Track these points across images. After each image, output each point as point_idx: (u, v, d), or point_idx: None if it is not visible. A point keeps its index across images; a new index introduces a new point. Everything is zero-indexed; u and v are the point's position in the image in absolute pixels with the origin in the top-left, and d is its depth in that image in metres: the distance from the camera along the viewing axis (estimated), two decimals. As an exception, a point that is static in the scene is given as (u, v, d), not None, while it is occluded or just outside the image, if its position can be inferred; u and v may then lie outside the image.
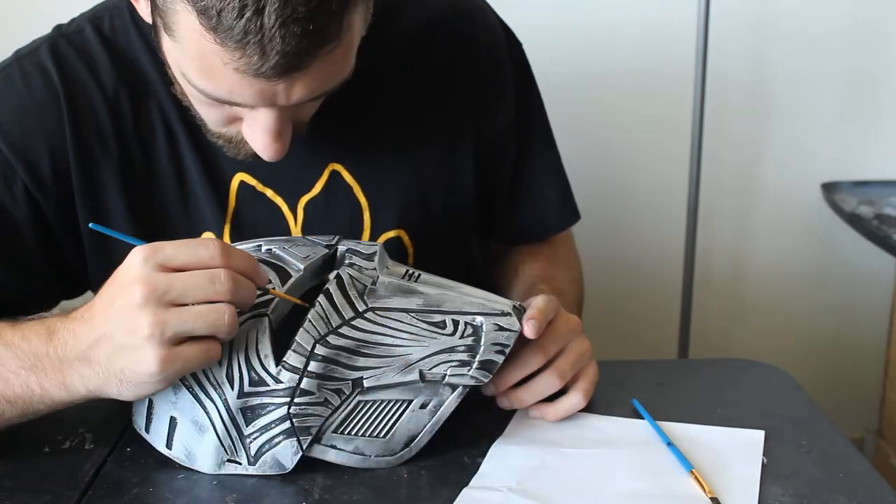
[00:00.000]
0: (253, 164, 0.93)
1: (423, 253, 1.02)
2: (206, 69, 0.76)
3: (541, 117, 1.12)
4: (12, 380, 0.77)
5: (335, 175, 0.99)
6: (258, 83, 0.75)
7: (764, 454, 0.83)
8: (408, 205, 1.01)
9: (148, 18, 0.83)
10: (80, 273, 0.98)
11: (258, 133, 0.82)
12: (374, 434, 0.80)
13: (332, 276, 0.81)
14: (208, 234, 0.96)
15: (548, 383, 0.86)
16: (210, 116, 0.86)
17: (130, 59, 0.95)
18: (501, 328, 0.82)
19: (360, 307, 0.79)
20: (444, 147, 1.03)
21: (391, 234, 1.00)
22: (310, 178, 0.98)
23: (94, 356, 0.74)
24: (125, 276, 0.72)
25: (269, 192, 0.97)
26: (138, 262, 0.72)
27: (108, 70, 0.94)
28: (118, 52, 0.94)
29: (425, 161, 1.02)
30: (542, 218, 1.13)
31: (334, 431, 0.79)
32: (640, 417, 0.89)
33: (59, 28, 0.96)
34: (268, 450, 0.77)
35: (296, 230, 0.98)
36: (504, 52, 1.06)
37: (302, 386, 0.76)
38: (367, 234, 1.00)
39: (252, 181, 0.97)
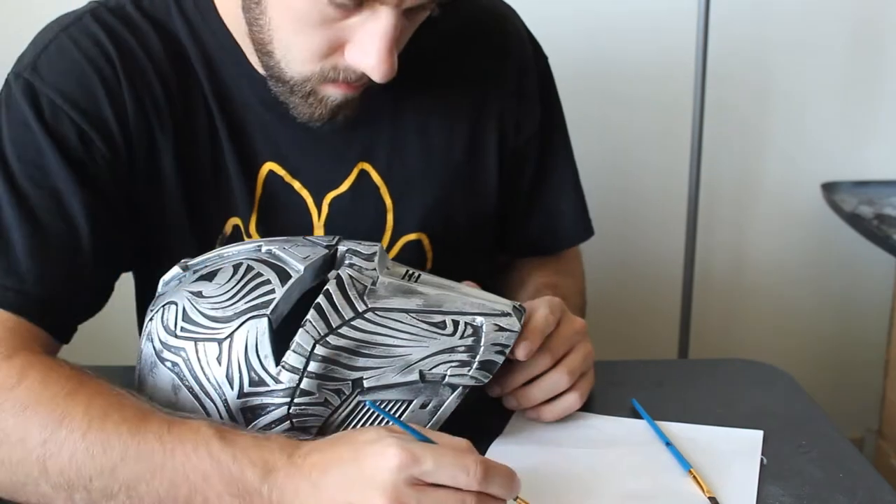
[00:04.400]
0: (284, 154, 0.94)
1: (442, 259, 1.02)
2: None
3: (562, 132, 1.12)
4: (214, 501, 0.70)
5: (363, 174, 0.99)
6: None
7: (763, 454, 0.83)
8: (432, 209, 1.01)
9: None
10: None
11: (375, 44, 0.81)
12: (374, 434, 0.80)
13: (331, 276, 0.81)
14: (235, 221, 0.96)
15: (557, 380, 0.86)
16: (310, 45, 0.84)
17: (173, 35, 0.94)
18: (501, 328, 0.82)
19: (360, 307, 0.79)
20: (472, 154, 1.03)
21: (412, 236, 1.01)
22: (338, 174, 0.98)
23: None
24: (373, 473, 0.66)
25: (297, 185, 0.97)
26: (392, 468, 0.66)
27: (154, 42, 0.93)
28: (161, 27, 0.94)
29: (452, 166, 1.02)
30: (557, 231, 1.13)
31: (334, 432, 0.79)
32: (640, 417, 0.89)
33: (95, 2, 0.95)
34: (268, 450, 0.77)
35: (319, 225, 0.98)
36: (531, 62, 1.07)
37: (302, 386, 0.76)
38: (388, 234, 1.00)
39: (281, 171, 0.97)
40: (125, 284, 1.05)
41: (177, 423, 0.72)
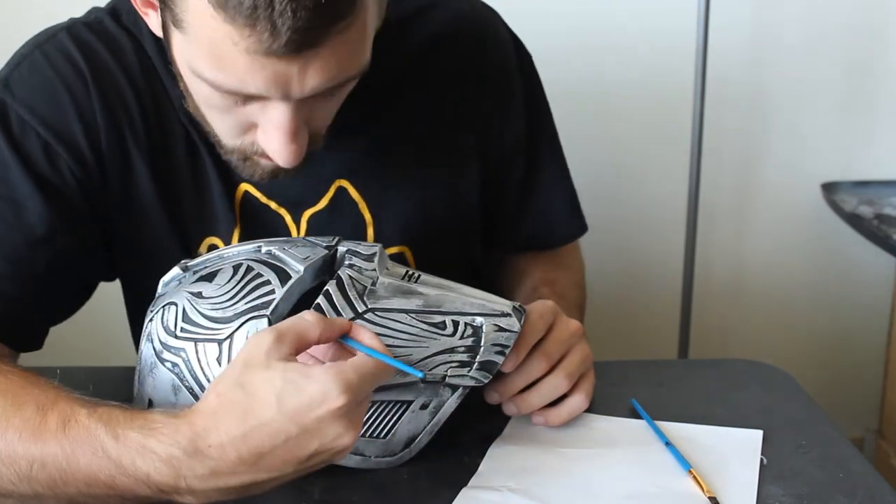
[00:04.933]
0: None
1: (425, 269, 1.01)
2: (217, 56, 0.73)
3: (550, 130, 1.11)
4: (131, 493, 0.70)
5: (341, 191, 0.98)
6: (270, 65, 0.73)
7: (764, 454, 0.83)
8: (412, 221, 1.00)
9: (158, 31, 0.83)
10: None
11: (273, 133, 0.79)
12: (375, 435, 0.80)
13: (331, 276, 0.81)
14: (214, 240, 0.96)
15: (556, 384, 0.86)
16: (224, 126, 0.84)
17: (145, 51, 0.94)
18: (501, 329, 0.82)
19: (360, 308, 0.79)
20: (451, 164, 1.02)
21: (394, 250, 1.00)
22: (316, 192, 0.97)
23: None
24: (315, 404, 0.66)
25: (273, 205, 0.97)
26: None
27: (130, 57, 0.93)
28: (136, 43, 0.93)
29: (431, 178, 1.01)
30: (549, 230, 1.12)
31: (334, 432, 0.78)
32: (640, 417, 0.89)
33: (73, 19, 0.95)
34: (268, 450, 0.77)
35: None
36: (513, 66, 1.05)
37: (302, 386, 0.76)
38: None
39: (255, 193, 0.96)
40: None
41: (71, 425, 0.71)
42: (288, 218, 0.97)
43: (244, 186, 0.96)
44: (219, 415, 0.67)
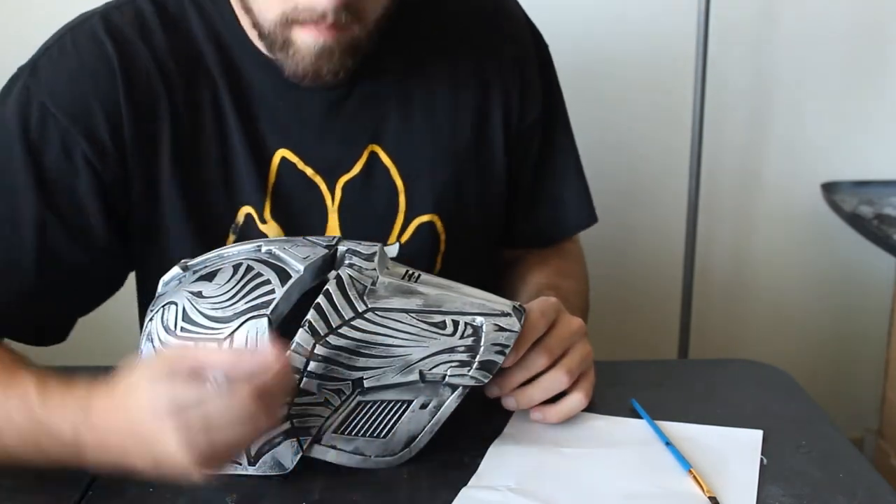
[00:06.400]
0: (295, 140, 0.95)
1: (455, 240, 1.03)
2: None
3: (563, 120, 1.13)
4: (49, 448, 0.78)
5: (374, 156, 0.99)
6: None
7: (764, 454, 0.83)
8: (443, 190, 1.02)
9: None
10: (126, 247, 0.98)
11: None
12: (375, 434, 0.80)
13: (331, 276, 0.81)
14: (247, 209, 0.96)
15: (556, 380, 0.86)
16: None
17: (184, 28, 0.95)
18: (501, 328, 0.82)
19: (360, 307, 0.79)
20: (479, 135, 1.04)
21: (425, 218, 1.01)
22: (349, 157, 0.99)
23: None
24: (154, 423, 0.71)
25: (310, 171, 0.98)
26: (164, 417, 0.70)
27: (161, 39, 0.94)
28: (171, 22, 0.95)
29: (460, 146, 1.03)
30: (560, 218, 1.14)
31: (334, 432, 0.79)
32: (640, 417, 0.89)
33: (108, 3, 0.97)
34: (268, 450, 0.78)
35: (333, 209, 0.98)
36: (532, 49, 1.08)
37: (302, 386, 0.76)
38: (401, 217, 1.00)
39: (294, 158, 0.97)
40: (125, 284, 1.05)
41: (12, 386, 0.80)
42: (323, 186, 0.98)
43: (282, 152, 0.97)
44: None
